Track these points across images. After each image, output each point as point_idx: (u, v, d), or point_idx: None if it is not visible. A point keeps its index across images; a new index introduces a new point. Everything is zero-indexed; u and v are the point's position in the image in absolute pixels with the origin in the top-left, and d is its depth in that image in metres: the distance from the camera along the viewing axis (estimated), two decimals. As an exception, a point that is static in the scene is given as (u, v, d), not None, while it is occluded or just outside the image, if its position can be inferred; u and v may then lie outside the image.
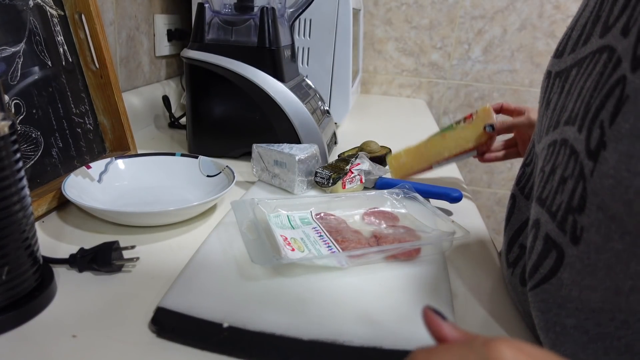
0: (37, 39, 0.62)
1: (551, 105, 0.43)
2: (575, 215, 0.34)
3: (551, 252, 0.37)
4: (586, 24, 0.41)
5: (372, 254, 0.50)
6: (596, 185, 0.32)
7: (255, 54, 0.78)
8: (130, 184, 0.67)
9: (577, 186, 0.34)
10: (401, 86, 1.61)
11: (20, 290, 0.39)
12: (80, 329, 0.38)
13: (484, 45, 1.53)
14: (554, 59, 0.46)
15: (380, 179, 0.71)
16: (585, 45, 0.39)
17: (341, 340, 0.37)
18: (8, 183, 0.37)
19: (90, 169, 0.64)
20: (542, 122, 0.46)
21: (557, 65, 0.45)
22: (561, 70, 0.43)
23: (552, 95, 0.44)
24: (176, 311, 0.40)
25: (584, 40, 0.40)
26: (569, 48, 0.43)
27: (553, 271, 0.37)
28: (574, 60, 0.41)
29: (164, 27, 1.15)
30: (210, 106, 0.82)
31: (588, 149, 0.33)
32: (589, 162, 0.33)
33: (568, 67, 0.42)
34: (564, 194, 0.36)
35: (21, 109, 0.58)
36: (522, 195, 0.49)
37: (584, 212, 0.33)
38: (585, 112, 0.35)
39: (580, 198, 0.34)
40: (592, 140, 0.33)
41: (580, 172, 0.34)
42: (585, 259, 0.34)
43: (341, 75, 1.09)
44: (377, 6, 1.53)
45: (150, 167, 0.69)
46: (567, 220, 0.35)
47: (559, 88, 0.43)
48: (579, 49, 0.41)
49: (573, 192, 0.35)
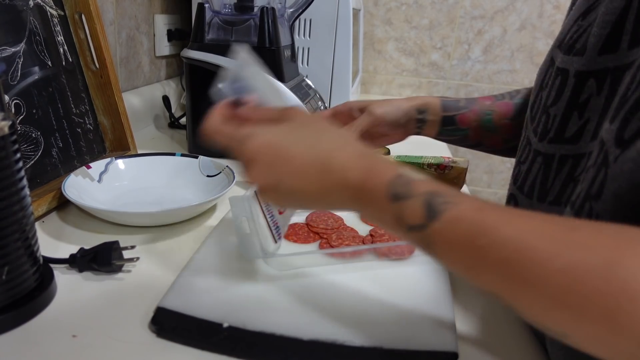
0: (37, 39, 0.62)
1: (591, 106, 0.41)
2: (592, 202, 0.34)
3: None
4: (619, 22, 0.39)
5: (364, 251, 0.50)
6: (616, 170, 0.32)
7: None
8: (130, 184, 0.67)
9: (598, 174, 0.34)
10: (401, 86, 1.61)
11: (20, 290, 0.39)
12: (80, 329, 0.38)
13: (484, 45, 1.53)
14: (571, 56, 0.44)
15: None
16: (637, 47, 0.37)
17: (341, 340, 0.37)
18: (8, 183, 0.37)
19: (90, 169, 0.64)
20: (550, 121, 0.45)
21: (580, 64, 0.43)
22: (594, 71, 0.41)
23: (585, 96, 0.42)
24: (176, 311, 0.40)
25: (629, 41, 0.38)
26: (594, 47, 0.41)
27: None
28: (622, 63, 0.39)
29: (164, 27, 1.15)
30: (210, 106, 0.82)
31: (619, 138, 0.33)
32: (615, 150, 0.32)
33: (611, 68, 0.40)
34: (584, 183, 0.36)
35: (21, 109, 0.58)
36: (523, 194, 0.49)
37: (601, 198, 0.33)
38: (620, 104, 0.34)
39: (600, 185, 0.33)
40: (627, 130, 0.32)
41: (604, 160, 0.34)
42: None
43: (341, 75, 1.09)
44: (377, 6, 1.53)
45: (150, 167, 0.69)
46: (584, 207, 0.35)
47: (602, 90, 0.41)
48: (624, 50, 0.39)
49: (593, 180, 0.34)
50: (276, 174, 0.36)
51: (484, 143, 0.64)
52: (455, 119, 0.63)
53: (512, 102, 0.63)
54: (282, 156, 0.36)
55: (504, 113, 0.63)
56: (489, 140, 0.64)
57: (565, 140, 0.44)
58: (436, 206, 0.31)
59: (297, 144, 0.37)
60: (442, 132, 0.64)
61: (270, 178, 0.36)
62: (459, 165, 0.69)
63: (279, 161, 0.36)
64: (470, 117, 0.63)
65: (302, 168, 0.36)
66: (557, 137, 0.45)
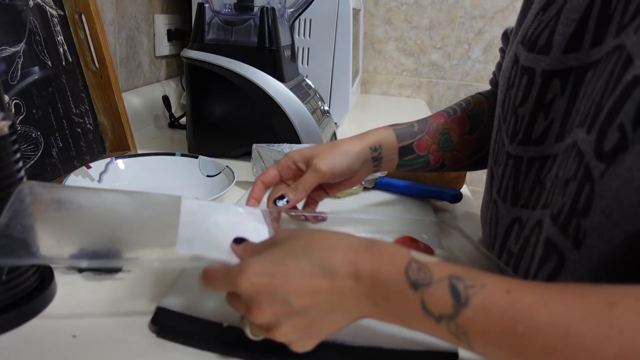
0: (37, 39, 0.62)
1: (555, 107, 0.41)
2: (579, 219, 0.33)
3: (552, 256, 0.37)
4: (582, 20, 0.39)
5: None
6: (605, 187, 0.31)
7: (255, 54, 0.78)
8: (131, 184, 0.66)
9: (582, 188, 0.33)
10: (401, 86, 1.61)
11: (20, 290, 0.39)
12: (80, 329, 0.38)
13: (484, 45, 1.53)
14: (536, 54, 0.44)
15: (380, 180, 0.71)
16: (599, 46, 0.37)
17: (341, 340, 0.37)
18: (8, 183, 0.37)
19: (90, 169, 0.64)
20: (518, 122, 0.45)
21: (546, 63, 0.42)
22: (559, 70, 0.41)
23: (550, 96, 0.42)
24: (176, 311, 0.40)
25: (592, 40, 0.38)
26: (560, 45, 0.41)
27: (553, 275, 0.36)
28: (584, 62, 0.39)
29: (164, 27, 1.15)
30: (210, 106, 0.82)
31: (599, 151, 0.32)
32: (599, 164, 0.32)
33: (574, 67, 0.40)
34: (565, 197, 0.35)
35: (21, 109, 0.58)
36: (500, 199, 0.48)
37: (589, 215, 0.33)
38: (595, 113, 0.34)
39: (587, 200, 0.33)
40: (606, 142, 0.32)
41: (585, 173, 0.33)
42: (587, 264, 0.33)
43: (341, 75, 1.09)
44: (377, 6, 1.53)
45: (150, 167, 0.69)
46: (571, 223, 0.34)
47: (565, 90, 0.41)
48: (586, 49, 0.39)
49: (578, 195, 0.34)
50: (280, 297, 0.31)
51: (446, 164, 0.61)
52: (413, 147, 0.58)
53: (465, 115, 0.60)
54: (279, 274, 0.32)
55: (460, 129, 0.60)
56: (450, 160, 0.60)
57: (532, 142, 0.43)
58: (462, 292, 0.28)
59: (288, 257, 0.33)
60: (401, 164, 0.59)
61: (277, 306, 0.31)
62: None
63: (278, 280, 0.32)
64: (427, 141, 0.59)
65: (304, 280, 0.32)
66: (525, 138, 0.44)
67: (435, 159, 0.60)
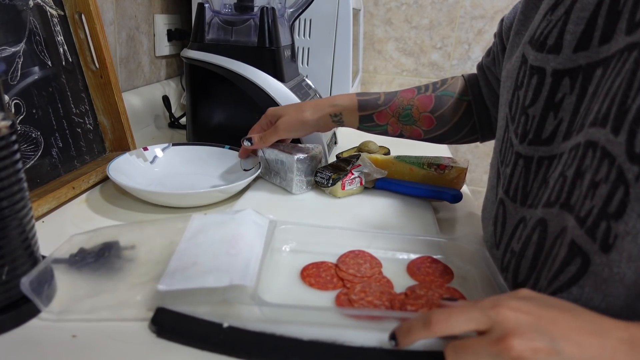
0: (37, 39, 0.62)
1: (564, 106, 0.41)
2: (610, 222, 0.33)
3: (575, 258, 0.36)
4: (592, 18, 0.39)
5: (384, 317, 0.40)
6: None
7: (255, 54, 0.78)
8: (179, 169, 0.74)
9: (615, 191, 0.33)
10: (401, 86, 1.61)
11: (20, 290, 0.39)
12: (80, 329, 0.38)
13: (484, 45, 1.53)
14: (545, 54, 0.44)
15: (380, 180, 0.71)
16: (608, 44, 0.37)
17: (341, 340, 0.37)
18: (8, 183, 0.37)
19: (147, 150, 0.73)
20: (528, 123, 0.45)
21: (556, 62, 0.42)
22: (569, 69, 0.41)
23: (560, 95, 0.42)
24: (176, 311, 0.40)
25: (600, 37, 0.38)
26: (570, 44, 0.41)
27: (575, 279, 0.36)
28: (593, 60, 0.39)
29: (164, 27, 1.15)
30: (210, 106, 0.82)
31: (631, 153, 0.32)
32: (632, 167, 0.32)
33: (584, 66, 0.40)
34: (595, 199, 0.35)
35: (21, 109, 0.58)
36: (509, 198, 0.48)
37: (622, 218, 0.32)
38: (622, 113, 0.33)
39: (620, 204, 0.32)
40: (637, 143, 0.31)
41: (619, 176, 0.33)
42: (615, 267, 0.33)
43: (341, 75, 1.09)
44: (377, 6, 1.53)
45: (200, 155, 0.76)
46: (600, 226, 0.34)
47: (574, 88, 0.40)
48: (595, 47, 0.39)
49: (610, 198, 0.33)
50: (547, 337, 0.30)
51: (405, 134, 0.69)
52: (372, 117, 0.67)
53: (434, 94, 0.66)
54: (545, 317, 0.31)
55: (423, 106, 0.66)
56: (409, 131, 0.68)
57: (542, 141, 0.43)
58: None
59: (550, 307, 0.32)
60: (361, 128, 0.69)
61: (541, 343, 0.29)
62: (458, 165, 0.69)
63: (544, 322, 0.30)
64: (387, 113, 0.67)
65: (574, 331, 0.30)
66: (535, 138, 0.44)
67: (394, 129, 0.69)
